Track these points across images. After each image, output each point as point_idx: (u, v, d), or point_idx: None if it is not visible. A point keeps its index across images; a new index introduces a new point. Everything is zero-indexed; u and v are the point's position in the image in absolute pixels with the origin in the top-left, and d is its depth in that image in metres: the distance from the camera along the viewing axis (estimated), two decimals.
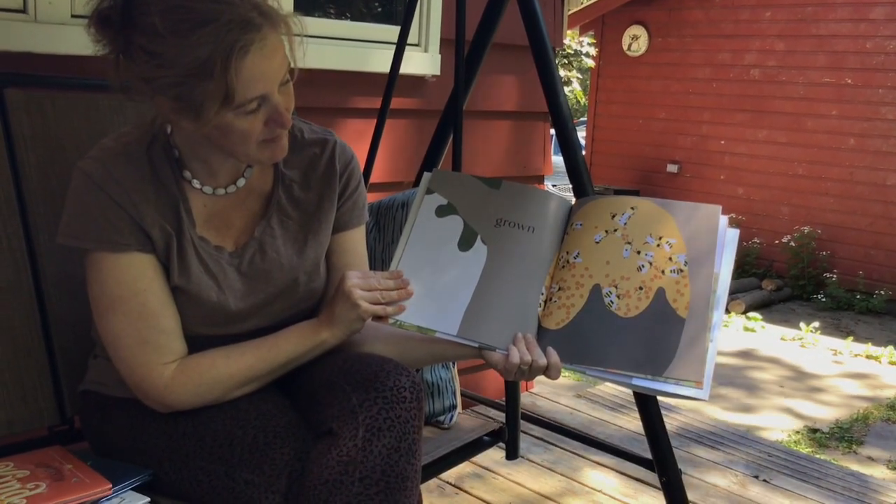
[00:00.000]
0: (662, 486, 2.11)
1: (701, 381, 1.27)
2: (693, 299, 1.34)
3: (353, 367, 1.30)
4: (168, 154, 1.34)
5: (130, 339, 1.30)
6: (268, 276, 1.40)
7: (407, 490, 1.22)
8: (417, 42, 2.90)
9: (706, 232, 1.39)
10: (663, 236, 1.39)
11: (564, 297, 1.38)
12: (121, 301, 1.29)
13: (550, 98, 2.01)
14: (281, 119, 1.26)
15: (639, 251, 1.38)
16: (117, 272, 1.29)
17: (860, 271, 7.03)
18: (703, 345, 1.30)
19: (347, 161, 1.48)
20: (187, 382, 1.30)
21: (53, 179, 1.55)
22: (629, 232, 1.40)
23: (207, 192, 1.37)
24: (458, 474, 2.80)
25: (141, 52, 1.18)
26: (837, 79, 7.23)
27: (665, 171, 8.46)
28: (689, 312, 1.33)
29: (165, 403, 1.31)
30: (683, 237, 1.39)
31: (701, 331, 1.31)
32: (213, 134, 1.26)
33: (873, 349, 5.47)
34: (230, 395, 1.33)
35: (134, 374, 1.31)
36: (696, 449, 3.24)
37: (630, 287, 1.36)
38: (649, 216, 1.42)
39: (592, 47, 9.54)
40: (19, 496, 1.21)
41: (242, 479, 1.26)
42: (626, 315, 1.34)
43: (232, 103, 1.19)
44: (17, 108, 1.52)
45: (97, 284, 1.31)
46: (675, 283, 1.35)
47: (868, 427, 4.09)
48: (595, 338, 1.34)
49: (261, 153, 1.30)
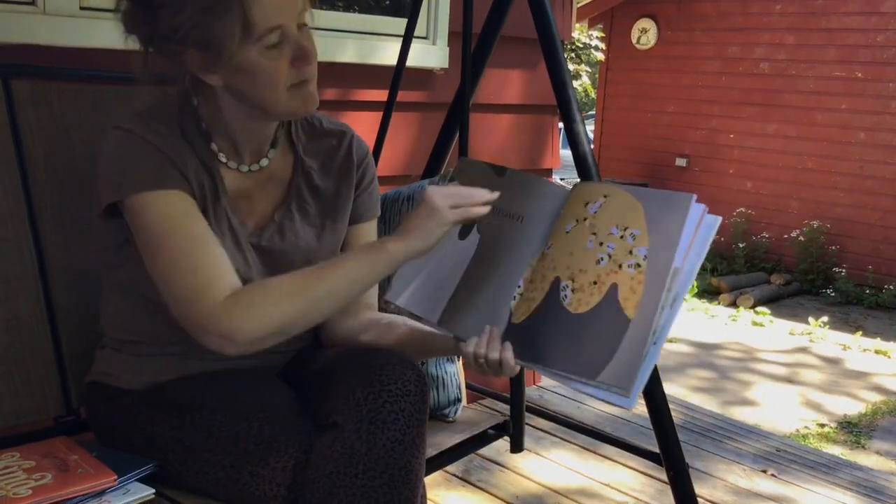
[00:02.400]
0: (669, 479, 2.10)
1: (628, 391, 1.17)
2: (644, 298, 1.20)
3: (358, 360, 1.30)
4: (197, 126, 1.36)
5: (182, 270, 1.24)
6: (285, 256, 1.41)
7: (411, 483, 1.22)
8: (425, 35, 2.89)
9: (672, 222, 1.22)
10: (628, 227, 1.26)
11: (530, 289, 1.31)
12: (169, 235, 1.26)
13: (559, 91, 2.00)
14: (306, 55, 1.27)
15: (601, 242, 1.27)
16: (163, 207, 1.26)
17: (869, 266, 7.00)
18: (640, 350, 1.18)
19: (364, 154, 1.52)
20: (243, 303, 1.22)
21: (60, 171, 1.55)
22: (597, 222, 1.28)
23: (232, 167, 1.39)
24: (464, 467, 2.80)
25: (159, 10, 1.22)
26: (848, 72, 7.19)
27: (674, 165, 8.43)
28: (636, 313, 1.20)
29: (224, 332, 1.21)
30: (648, 229, 1.24)
31: (643, 334, 1.19)
32: (243, 82, 1.27)
33: (882, 344, 5.46)
34: (293, 323, 1.24)
35: (189, 306, 1.24)
36: (703, 442, 3.24)
37: (585, 281, 1.26)
38: (620, 205, 1.28)
39: (601, 41, 9.50)
40: (25, 486, 1.22)
41: (247, 472, 1.26)
42: (576, 311, 1.25)
43: (253, 35, 1.21)
44: (24, 99, 1.52)
45: (144, 228, 1.27)
46: (629, 279, 1.22)
47: (876, 422, 4.08)
48: (545, 334, 1.27)
49: (291, 101, 1.30)
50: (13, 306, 1.49)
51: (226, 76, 1.27)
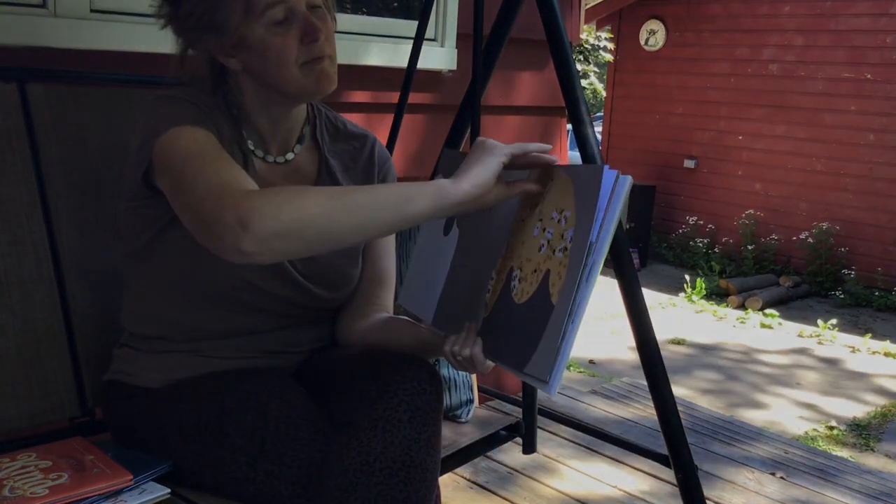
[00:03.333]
0: (678, 481, 2.10)
1: (546, 378, 1.11)
2: (566, 282, 1.12)
3: (373, 359, 1.32)
4: (230, 111, 1.39)
5: (206, 178, 1.16)
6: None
7: (427, 482, 1.23)
8: (434, 37, 2.90)
9: (589, 197, 1.13)
10: (564, 209, 1.17)
11: (495, 282, 1.28)
12: (197, 156, 1.21)
13: (567, 93, 2.00)
14: (313, 31, 1.29)
15: (544, 229, 1.20)
16: (194, 136, 1.25)
17: (879, 268, 6.98)
18: (557, 334, 1.11)
19: (385, 159, 1.56)
20: (266, 199, 1.10)
21: (75, 173, 1.56)
22: (544, 207, 1.21)
23: (259, 155, 1.42)
24: (475, 468, 2.80)
25: (178, 1, 1.31)
26: (857, 74, 7.17)
27: (682, 167, 8.42)
28: (559, 298, 1.13)
29: (241, 214, 1.08)
30: (575, 208, 1.15)
31: (561, 318, 1.11)
32: (256, 62, 1.31)
33: (891, 346, 5.44)
34: (315, 228, 1.10)
35: (208, 201, 1.13)
36: (712, 445, 3.24)
37: (529, 270, 1.20)
38: (561, 186, 1.20)
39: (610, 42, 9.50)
40: (42, 486, 1.23)
41: (263, 470, 1.27)
42: (520, 301, 1.20)
43: (254, 10, 1.27)
44: (38, 102, 1.54)
45: (174, 154, 1.23)
46: (558, 263, 1.15)
47: (886, 424, 4.07)
48: (499, 327, 1.23)
49: (305, 79, 1.32)
50: (29, 308, 1.51)
51: (241, 58, 1.32)
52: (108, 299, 1.51)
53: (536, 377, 1.14)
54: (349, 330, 1.51)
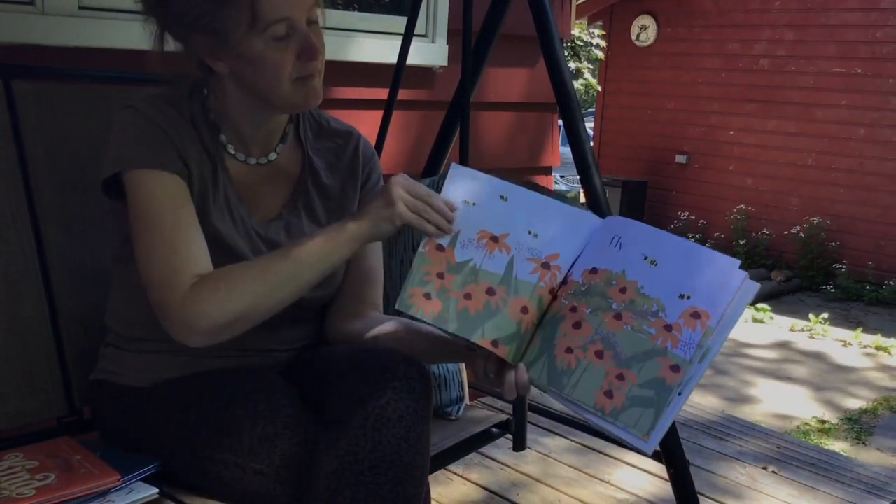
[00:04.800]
0: (670, 477, 2.11)
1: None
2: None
3: (363, 357, 1.31)
4: (206, 116, 1.38)
5: (162, 250, 1.26)
6: None
7: (416, 480, 1.22)
8: (424, 33, 2.90)
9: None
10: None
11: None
12: (158, 214, 1.28)
13: (558, 89, 2.00)
14: (312, 49, 1.29)
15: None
16: (158, 187, 1.29)
17: (870, 262, 7.00)
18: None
19: (370, 155, 1.54)
20: (209, 286, 1.23)
21: (62, 171, 1.55)
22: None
23: (240, 158, 1.40)
24: (466, 464, 2.80)
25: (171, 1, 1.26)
26: (847, 68, 7.19)
27: (674, 162, 8.44)
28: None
29: (186, 319, 1.22)
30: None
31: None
32: (248, 71, 1.29)
33: (883, 340, 5.46)
34: (257, 305, 1.24)
35: (159, 288, 1.25)
36: (703, 440, 3.24)
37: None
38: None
39: (601, 38, 9.50)
40: (28, 487, 1.22)
41: (251, 469, 1.27)
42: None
43: (259, 25, 1.24)
44: (24, 100, 1.53)
45: (137, 203, 1.29)
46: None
47: (877, 418, 4.08)
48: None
49: (294, 93, 1.31)
50: (16, 307, 1.49)
51: (232, 64, 1.30)
52: (96, 297, 1.50)
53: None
54: (342, 330, 1.49)
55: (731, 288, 1.22)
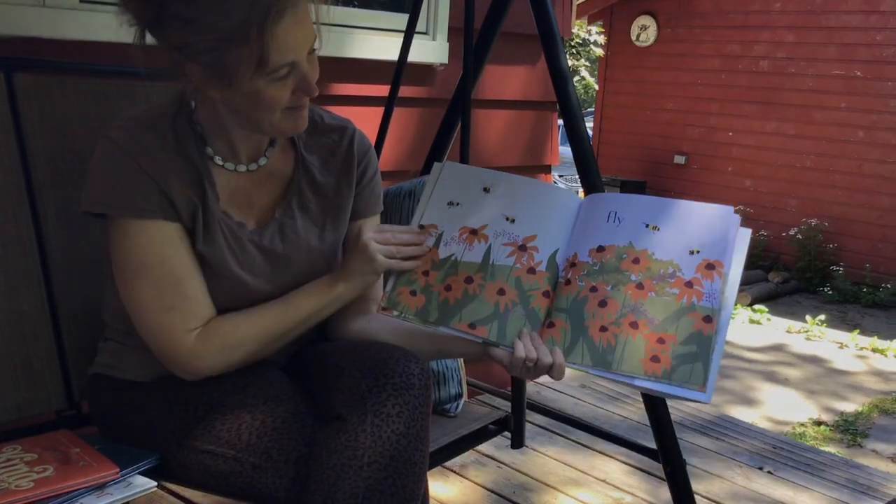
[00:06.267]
0: (667, 476, 2.11)
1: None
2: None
3: (363, 353, 1.31)
4: (192, 129, 1.35)
5: (155, 305, 1.29)
6: (287, 257, 1.41)
7: (415, 476, 1.22)
8: (425, 30, 2.89)
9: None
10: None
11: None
12: (146, 267, 1.29)
13: (559, 88, 2.00)
14: (309, 87, 1.27)
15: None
16: (143, 238, 1.29)
17: (867, 264, 7.01)
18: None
19: (366, 150, 1.51)
20: (211, 347, 1.31)
21: (62, 165, 1.55)
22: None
23: (229, 168, 1.38)
24: (463, 462, 2.81)
25: (174, 20, 1.19)
26: (847, 71, 7.20)
27: (672, 163, 8.44)
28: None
29: (191, 370, 1.32)
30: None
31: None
32: (242, 102, 1.26)
33: (879, 342, 5.46)
34: (255, 357, 1.35)
35: (158, 341, 1.31)
36: (699, 439, 3.24)
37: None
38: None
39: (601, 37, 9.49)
40: (27, 479, 1.22)
41: (250, 464, 1.27)
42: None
43: (265, 69, 1.21)
44: (25, 93, 1.52)
45: (122, 251, 1.30)
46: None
47: (873, 420, 4.09)
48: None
49: (284, 122, 1.30)
50: (15, 300, 1.49)
51: (225, 94, 1.26)
52: (95, 291, 1.49)
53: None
54: (344, 327, 1.47)
55: (732, 233, 1.33)
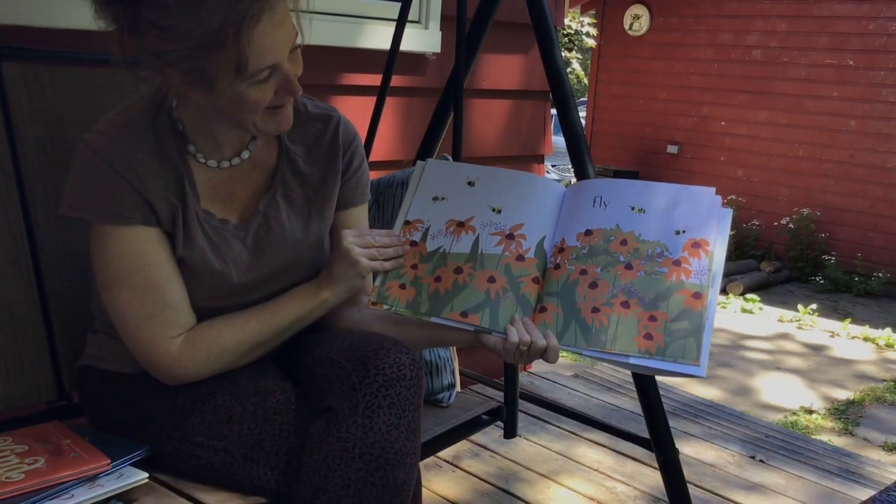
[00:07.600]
0: (660, 465, 2.12)
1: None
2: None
3: (353, 344, 1.30)
4: (173, 128, 1.33)
5: (136, 313, 1.29)
6: (273, 249, 1.40)
7: (407, 467, 1.22)
8: (418, 19, 2.88)
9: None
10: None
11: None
12: (126, 275, 1.28)
13: (552, 77, 2.00)
14: (291, 88, 1.26)
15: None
16: (122, 245, 1.28)
17: (859, 253, 7.03)
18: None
19: (351, 138, 1.48)
20: (195, 355, 1.31)
21: (52, 155, 1.54)
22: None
23: (212, 165, 1.36)
24: (456, 452, 2.81)
25: (150, 27, 1.16)
26: (839, 60, 7.20)
27: (665, 152, 8.44)
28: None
29: (174, 377, 1.32)
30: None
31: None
32: (225, 105, 1.25)
33: (870, 331, 5.48)
34: (239, 363, 1.35)
35: (141, 348, 1.31)
36: (691, 428, 3.25)
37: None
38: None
39: (593, 27, 9.48)
40: (17, 471, 1.21)
41: (241, 455, 1.26)
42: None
43: (245, 73, 1.19)
44: (14, 82, 1.51)
45: (101, 257, 1.30)
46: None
47: (864, 409, 4.11)
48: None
49: (267, 122, 1.29)
50: (4, 290, 1.49)
51: (208, 97, 1.24)
52: (85, 281, 1.49)
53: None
54: (337, 317, 1.46)
55: (714, 212, 1.36)
